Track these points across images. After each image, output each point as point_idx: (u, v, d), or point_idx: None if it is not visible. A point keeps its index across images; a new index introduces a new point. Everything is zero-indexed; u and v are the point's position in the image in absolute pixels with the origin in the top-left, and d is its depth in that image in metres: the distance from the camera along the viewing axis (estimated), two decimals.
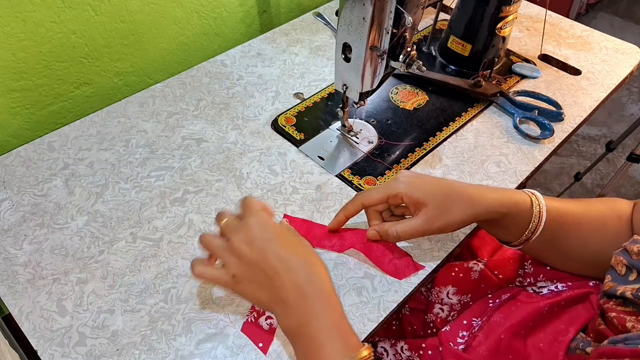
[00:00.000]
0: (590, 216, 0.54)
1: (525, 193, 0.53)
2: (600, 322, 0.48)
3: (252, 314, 0.54)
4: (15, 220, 0.62)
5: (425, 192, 0.51)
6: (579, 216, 0.54)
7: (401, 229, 0.52)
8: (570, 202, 0.55)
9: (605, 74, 0.84)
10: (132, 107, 0.77)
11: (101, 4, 0.73)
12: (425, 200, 0.50)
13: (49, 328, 0.52)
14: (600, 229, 0.53)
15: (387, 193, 0.52)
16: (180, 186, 0.66)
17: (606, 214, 0.54)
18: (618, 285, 0.46)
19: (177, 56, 0.89)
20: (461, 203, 0.51)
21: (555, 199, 0.54)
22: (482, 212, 0.51)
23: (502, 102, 0.78)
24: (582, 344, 0.49)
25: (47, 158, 0.70)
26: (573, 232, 0.54)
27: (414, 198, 0.51)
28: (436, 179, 0.53)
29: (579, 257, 0.56)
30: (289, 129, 0.74)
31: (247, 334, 0.52)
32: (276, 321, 0.53)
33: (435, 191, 0.51)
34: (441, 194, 0.51)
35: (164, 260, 0.58)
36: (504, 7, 0.75)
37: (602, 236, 0.54)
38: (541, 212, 0.52)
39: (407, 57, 0.59)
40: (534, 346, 0.52)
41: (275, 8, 0.99)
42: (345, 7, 0.56)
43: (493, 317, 0.56)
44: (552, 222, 0.52)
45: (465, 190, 0.51)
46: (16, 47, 0.68)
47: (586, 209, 0.54)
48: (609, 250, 0.50)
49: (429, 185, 0.51)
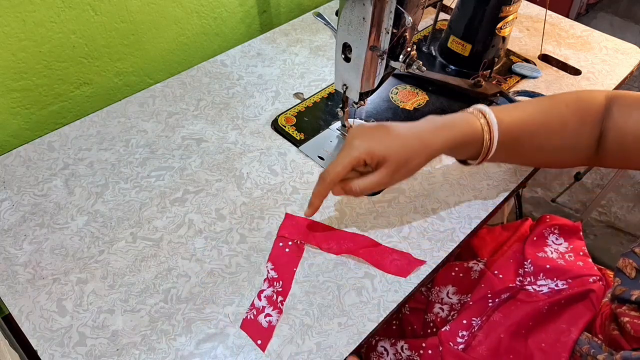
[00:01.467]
0: (549, 123, 0.55)
1: (476, 118, 0.54)
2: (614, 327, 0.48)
3: (251, 312, 0.54)
4: (15, 220, 0.62)
5: (383, 148, 0.51)
6: (535, 126, 0.55)
7: (363, 184, 0.53)
8: (529, 113, 0.56)
9: (605, 74, 0.84)
10: (132, 107, 0.77)
11: (101, 4, 0.73)
12: (385, 156, 0.51)
13: (49, 328, 0.52)
14: (558, 132, 0.55)
15: (351, 162, 0.52)
16: (180, 186, 0.66)
17: (567, 118, 0.55)
18: (631, 289, 0.46)
19: (177, 56, 0.89)
20: (417, 152, 0.52)
21: (511, 112, 0.55)
22: (436, 153, 0.53)
23: (502, 102, 0.78)
24: (592, 351, 0.49)
25: (47, 158, 0.70)
26: (528, 143, 0.56)
27: (375, 157, 0.51)
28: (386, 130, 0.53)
29: (539, 159, 0.60)
30: (289, 129, 0.74)
31: (246, 331, 0.52)
32: (275, 319, 0.53)
33: (392, 145, 0.52)
34: (399, 147, 0.52)
35: (164, 260, 0.58)
36: (504, 7, 0.75)
37: (559, 139, 0.56)
38: (492, 135, 0.53)
39: (407, 57, 0.59)
40: (536, 346, 0.52)
41: (275, 8, 0.99)
42: (345, 7, 0.56)
43: (493, 317, 0.56)
44: (505, 140, 0.54)
45: (417, 135, 0.53)
46: (16, 47, 0.68)
47: (545, 117, 0.56)
48: (566, 148, 0.55)
49: (384, 141, 0.52)
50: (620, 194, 1.67)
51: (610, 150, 0.54)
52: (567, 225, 0.67)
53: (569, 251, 0.64)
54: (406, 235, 0.61)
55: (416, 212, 0.64)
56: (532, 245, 0.65)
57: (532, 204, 1.63)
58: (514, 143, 0.55)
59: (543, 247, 0.64)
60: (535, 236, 0.66)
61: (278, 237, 0.60)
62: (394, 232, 0.61)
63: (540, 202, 1.63)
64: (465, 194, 0.66)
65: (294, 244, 0.60)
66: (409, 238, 0.61)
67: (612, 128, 0.53)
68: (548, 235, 0.66)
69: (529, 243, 0.65)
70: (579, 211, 1.60)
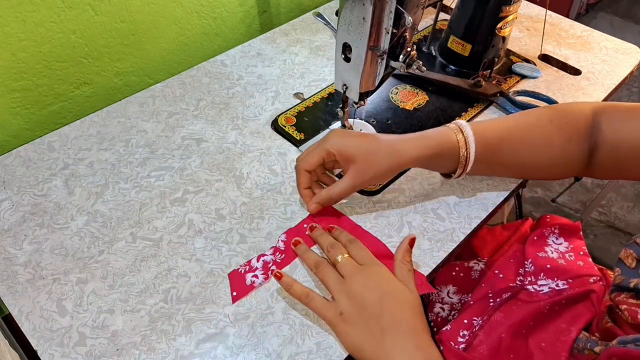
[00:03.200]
0: (532, 140, 0.56)
1: (451, 130, 0.56)
2: (607, 320, 0.48)
3: (244, 267, 0.57)
4: (15, 220, 0.62)
5: (353, 147, 0.54)
6: (515, 143, 0.56)
7: (336, 190, 0.56)
8: (509, 128, 0.57)
9: (605, 74, 0.84)
10: (132, 107, 0.77)
11: (101, 4, 0.73)
12: (353, 155, 0.54)
13: (49, 328, 0.52)
14: (543, 149, 0.56)
15: (321, 154, 0.55)
16: (180, 186, 0.66)
17: (551, 134, 0.56)
18: (630, 277, 0.46)
19: (177, 56, 0.89)
20: (386, 154, 0.54)
21: (490, 126, 0.57)
22: (407, 161, 0.55)
23: (502, 102, 0.78)
24: (589, 344, 0.49)
25: (47, 158, 0.70)
26: (509, 159, 0.57)
27: (344, 155, 0.54)
28: (363, 135, 0.56)
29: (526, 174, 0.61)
30: (289, 129, 0.74)
31: (231, 279, 0.56)
32: (259, 282, 0.55)
33: (362, 146, 0.54)
34: (367, 147, 0.54)
35: (164, 260, 0.58)
36: (504, 7, 0.75)
37: (546, 156, 0.57)
38: (468, 150, 0.54)
39: (407, 57, 0.59)
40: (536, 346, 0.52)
41: (275, 8, 0.99)
42: (345, 7, 0.56)
43: (494, 316, 0.56)
44: (485, 154, 0.55)
45: (390, 142, 0.55)
46: (16, 47, 0.68)
47: (527, 133, 0.56)
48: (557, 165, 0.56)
49: (356, 140, 0.55)
50: (620, 194, 1.67)
51: (603, 164, 0.56)
52: (567, 225, 0.67)
53: (569, 251, 0.64)
54: (406, 235, 0.61)
55: (416, 212, 0.64)
56: (532, 245, 0.65)
57: (532, 204, 1.63)
58: (494, 158, 0.56)
59: (543, 247, 0.64)
60: (535, 236, 0.66)
61: (308, 218, 0.62)
62: (394, 232, 0.61)
63: (540, 202, 1.63)
64: (465, 194, 0.66)
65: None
66: None
67: (604, 142, 0.54)
68: (548, 235, 0.66)
69: (530, 243, 0.65)
70: (579, 211, 1.60)
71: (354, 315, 0.47)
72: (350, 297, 0.48)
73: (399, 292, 0.49)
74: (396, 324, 0.46)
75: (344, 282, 0.50)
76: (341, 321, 0.47)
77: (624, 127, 0.53)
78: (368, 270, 0.50)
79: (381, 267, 0.51)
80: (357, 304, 0.47)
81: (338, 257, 0.52)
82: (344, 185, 0.56)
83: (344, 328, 0.47)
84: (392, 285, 0.49)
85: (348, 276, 0.50)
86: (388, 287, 0.49)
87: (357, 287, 0.48)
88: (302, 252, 0.56)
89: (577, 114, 0.56)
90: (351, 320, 0.47)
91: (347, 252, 0.53)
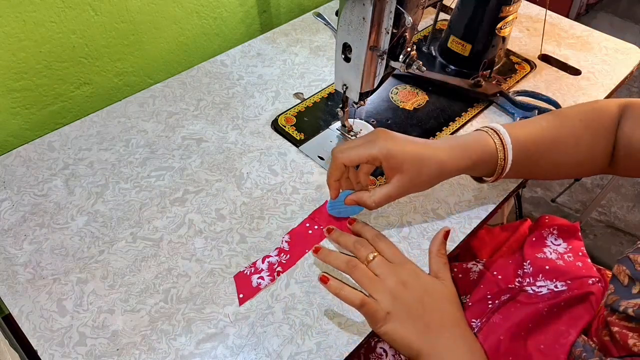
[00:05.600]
0: (563, 139, 0.56)
1: (490, 137, 0.54)
2: (605, 333, 0.48)
3: (250, 269, 0.57)
4: (15, 220, 0.62)
5: (402, 156, 0.52)
6: (549, 143, 0.56)
7: (378, 198, 0.54)
8: (542, 129, 0.56)
9: (605, 74, 0.84)
10: (132, 107, 0.77)
11: (101, 4, 0.73)
12: (401, 165, 0.52)
13: (49, 328, 0.52)
14: (572, 147, 0.56)
15: (367, 155, 0.52)
16: (180, 186, 0.66)
17: (580, 133, 0.56)
18: (621, 299, 0.46)
19: (177, 56, 0.89)
20: (433, 171, 0.53)
21: (523, 128, 0.56)
22: (452, 174, 0.54)
23: (502, 102, 0.78)
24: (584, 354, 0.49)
25: (47, 158, 0.70)
26: (543, 160, 0.56)
27: (392, 163, 0.52)
28: (411, 142, 0.53)
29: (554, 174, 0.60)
30: (289, 129, 0.74)
31: (237, 282, 0.56)
32: (265, 283, 0.56)
33: (409, 159, 0.52)
34: (416, 158, 0.52)
35: (164, 260, 0.58)
36: (504, 7, 0.75)
37: (575, 154, 0.56)
38: (506, 154, 0.54)
39: (407, 57, 0.59)
40: (535, 348, 0.52)
41: (275, 8, 0.99)
42: (345, 7, 0.56)
43: (492, 318, 0.56)
44: (520, 157, 0.54)
45: (436, 152, 0.53)
46: (16, 47, 0.68)
47: (559, 133, 0.56)
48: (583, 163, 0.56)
49: (406, 148, 0.52)
50: (620, 194, 1.67)
51: (620, 159, 0.55)
52: (566, 225, 0.67)
53: (567, 252, 0.64)
54: (406, 235, 0.61)
55: (416, 212, 0.64)
56: (531, 246, 0.65)
57: (532, 204, 1.63)
58: (528, 160, 0.55)
59: (542, 248, 0.64)
60: (534, 237, 0.66)
61: (309, 218, 0.62)
62: (394, 232, 0.61)
63: (540, 202, 1.63)
64: (465, 194, 0.66)
65: (319, 229, 0.61)
66: (409, 238, 0.61)
67: (621, 137, 0.54)
68: (547, 235, 0.66)
69: (528, 244, 0.65)
70: (579, 211, 1.60)
71: (400, 313, 0.49)
72: (393, 297, 0.50)
73: (435, 289, 0.52)
74: (438, 319, 0.49)
75: (381, 281, 0.51)
76: (388, 320, 0.49)
77: (637, 125, 0.53)
78: (402, 269, 0.52)
79: (412, 264, 0.53)
80: (400, 302, 0.49)
81: (369, 255, 0.52)
82: (386, 192, 0.53)
83: (391, 326, 0.49)
84: (427, 281, 0.52)
85: (385, 276, 0.51)
86: (424, 285, 0.51)
87: (397, 287, 0.50)
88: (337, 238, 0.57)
89: (604, 110, 0.55)
90: (397, 319, 0.49)
91: (376, 249, 0.53)
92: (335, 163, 0.54)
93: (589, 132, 0.55)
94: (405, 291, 0.50)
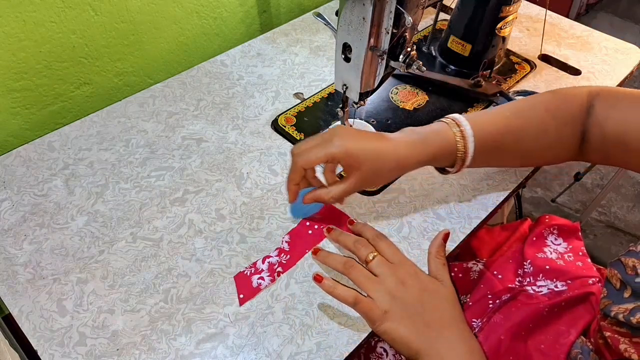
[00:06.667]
0: (529, 128, 0.56)
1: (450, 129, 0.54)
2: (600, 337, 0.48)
3: (250, 269, 0.57)
4: (15, 220, 0.62)
5: (360, 152, 0.52)
6: (515, 133, 0.56)
7: (336, 194, 0.54)
8: (506, 118, 0.56)
9: (605, 74, 0.84)
10: (132, 107, 0.77)
11: (101, 4, 0.73)
12: (359, 161, 0.52)
13: (49, 328, 0.52)
14: (540, 136, 0.56)
15: (325, 156, 0.52)
16: (180, 186, 0.66)
17: (547, 121, 0.56)
18: (613, 303, 0.46)
19: (177, 56, 0.89)
20: (392, 167, 0.53)
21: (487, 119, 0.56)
22: (411, 167, 0.54)
23: (502, 102, 0.77)
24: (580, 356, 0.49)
25: (47, 158, 0.70)
26: (510, 149, 0.57)
27: (350, 160, 0.52)
28: (369, 137, 0.54)
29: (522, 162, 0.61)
30: (289, 129, 0.74)
31: (237, 282, 0.56)
32: (265, 284, 0.56)
33: (369, 150, 0.52)
34: (374, 153, 0.52)
35: (164, 260, 0.58)
36: (504, 7, 0.75)
37: (543, 143, 0.56)
38: (467, 145, 0.54)
39: (407, 57, 0.59)
40: (535, 347, 0.52)
41: (275, 8, 0.99)
42: (345, 7, 0.56)
43: (493, 318, 0.56)
44: (483, 147, 0.55)
45: (395, 147, 0.53)
46: (16, 47, 0.68)
47: (524, 122, 0.56)
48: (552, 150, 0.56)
49: (363, 144, 0.52)
50: (620, 194, 1.67)
51: (593, 147, 0.55)
52: (566, 225, 0.67)
53: (568, 251, 0.64)
54: (406, 235, 0.61)
55: (416, 212, 0.64)
56: (531, 246, 0.65)
57: (532, 204, 1.63)
58: (495, 150, 0.56)
59: (542, 248, 0.64)
60: (534, 236, 0.66)
61: (309, 218, 0.62)
62: (394, 232, 0.61)
63: (540, 202, 1.63)
64: (465, 194, 0.66)
65: (319, 229, 0.61)
66: (409, 238, 0.61)
67: (593, 125, 0.54)
68: (547, 235, 0.66)
69: (528, 243, 0.65)
70: (579, 211, 1.60)
71: (399, 312, 0.49)
72: (392, 296, 0.50)
73: (435, 288, 0.51)
74: (438, 318, 0.49)
75: (379, 281, 0.51)
76: (387, 319, 0.49)
77: (612, 112, 0.53)
78: (402, 269, 0.52)
79: (412, 264, 0.53)
80: (400, 301, 0.49)
81: (369, 255, 0.52)
82: (344, 189, 0.54)
83: (390, 325, 0.49)
84: (427, 281, 0.52)
85: (384, 275, 0.51)
86: (424, 284, 0.51)
87: (396, 286, 0.50)
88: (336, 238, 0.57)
89: (572, 98, 0.55)
90: (396, 318, 0.49)
91: (376, 249, 0.53)
92: (295, 167, 0.54)
93: (556, 120, 0.55)
94: (405, 291, 0.50)
